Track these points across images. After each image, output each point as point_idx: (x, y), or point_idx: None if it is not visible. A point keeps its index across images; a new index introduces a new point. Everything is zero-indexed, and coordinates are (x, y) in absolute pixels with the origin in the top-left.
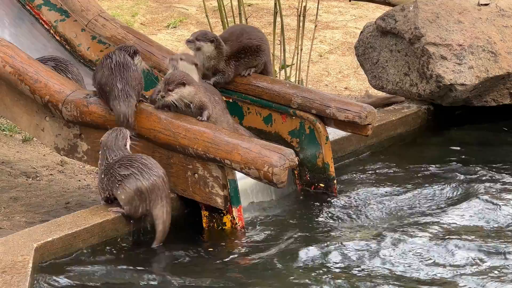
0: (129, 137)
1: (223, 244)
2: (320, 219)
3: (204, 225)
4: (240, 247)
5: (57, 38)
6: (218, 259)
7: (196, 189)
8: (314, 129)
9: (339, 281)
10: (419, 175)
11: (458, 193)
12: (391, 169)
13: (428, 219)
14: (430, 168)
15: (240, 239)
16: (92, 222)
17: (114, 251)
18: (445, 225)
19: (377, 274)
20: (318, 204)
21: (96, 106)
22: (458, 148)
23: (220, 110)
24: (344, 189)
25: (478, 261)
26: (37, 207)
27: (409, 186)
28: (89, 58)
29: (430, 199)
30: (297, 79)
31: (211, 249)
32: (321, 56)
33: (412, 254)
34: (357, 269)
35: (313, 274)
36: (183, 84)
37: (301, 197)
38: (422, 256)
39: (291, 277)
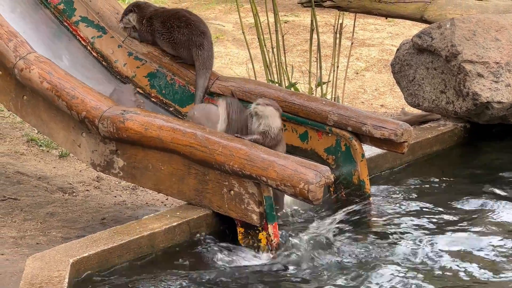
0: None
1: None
2: (355, 236)
3: (239, 241)
4: (275, 264)
5: (94, 54)
6: (253, 275)
7: (231, 206)
8: (350, 146)
9: None
10: (455, 192)
11: (497, 211)
12: (426, 187)
13: (464, 237)
14: (467, 186)
15: (275, 256)
16: (128, 238)
17: (150, 268)
18: (483, 243)
19: None
20: (353, 221)
21: (132, 123)
22: (495, 165)
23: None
24: (380, 207)
25: None
26: (73, 222)
27: (445, 204)
28: (126, 75)
29: (467, 217)
30: (333, 96)
31: (247, 265)
32: (357, 73)
33: (448, 271)
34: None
35: None
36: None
37: (336, 214)
38: (458, 269)
39: None
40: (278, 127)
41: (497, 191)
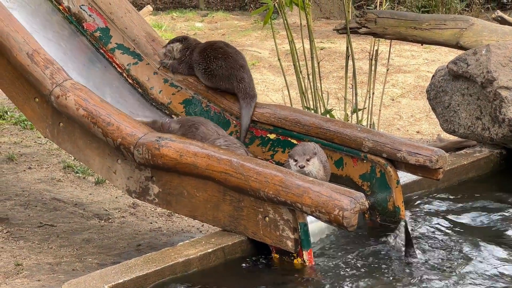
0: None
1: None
2: (389, 262)
3: (274, 268)
4: None
5: (130, 81)
6: None
7: (266, 232)
8: (385, 172)
9: None
10: (491, 220)
11: None
12: (462, 214)
13: (501, 264)
14: (503, 213)
15: (310, 282)
16: (163, 264)
17: None
18: None
19: None
20: (389, 247)
21: (168, 149)
22: None
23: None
24: (415, 233)
25: None
26: (109, 249)
27: (481, 231)
28: (161, 101)
29: (503, 245)
30: (369, 122)
31: None
32: (393, 99)
33: None
34: None
35: None
36: (315, 154)
37: (371, 240)
38: None
39: None
40: (322, 167)
41: None
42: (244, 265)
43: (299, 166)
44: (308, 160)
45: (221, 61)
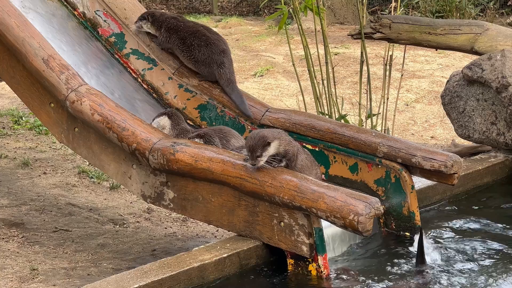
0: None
1: None
2: (405, 267)
3: (289, 273)
4: None
5: (145, 86)
6: None
7: (281, 237)
8: (400, 178)
9: None
10: (506, 225)
11: None
12: (477, 219)
13: None
14: None
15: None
16: (178, 269)
17: None
18: None
19: None
20: (404, 253)
21: (183, 154)
22: None
23: (308, 160)
24: (430, 238)
25: None
26: (124, 254)
27: (496, 236)
28: (176, 107)
29: None
30: (383, 128)
31: None
32: (407, 105)
33: None
34: None
35: None
36: (268, 144)
37: (386, 246)
38: None
39: None
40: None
41: None
42: (258, 270)
43: (250, 164)
44: (258, 157)
45: (204, 48)
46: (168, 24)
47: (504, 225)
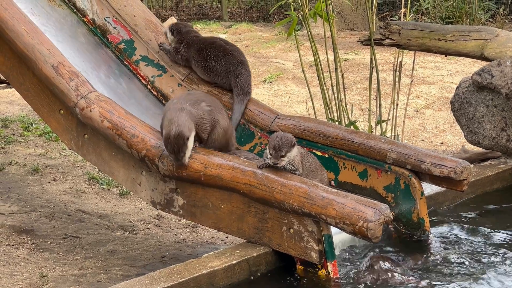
0: None
1: None
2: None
3: (299, 279)
4: None
5: (154, 93)
6: None
7: (291, 244)
8: (409, 184)
9: None
10: None
11: None
12: (487, 225)
13: None
14: None
15: None
16: (187, 276)
17: None
18: None
19: None
20: (412, 259)
21: (192, 161)
22: None
23: (313, 164)
24: (440, 245)
25: None
26: (133, 260)
27: (506, 243)
28: None
29: None
30: (393, 134)
31: None
32: (417, 111)
33: None
34: None
35: None
36: (293, 146)
37: (394, 251)
38: None
39: None
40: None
41: None
42: (268, 276)
43: (272, 162)
44: (282, 157)
45: (221, 59)
46: (188, 40)
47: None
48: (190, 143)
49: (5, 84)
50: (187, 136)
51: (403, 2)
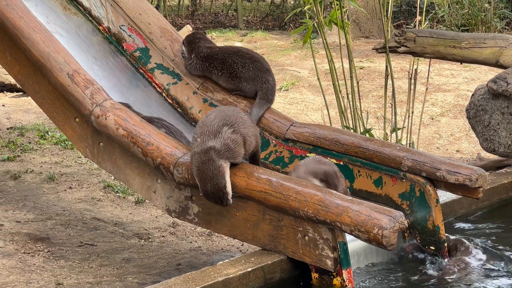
0: None
1: None
2: (430, 283)
3: (314, 287)
4: None
5: (169, 101)
6: None
7: (306, 251)
8: (424, 191)
9: None
10: None
11: None
12: (503, 233)
13: None
14: None
15: None
16: (203, 283)
17: None
18: None
19: None
20: (429, 267)
21: None
22: None
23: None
24: (455, 253)
25: None
26: (149, 268)
27: None
28: None
29: None
30: (408, 142)
31: None
32: (432, 118)
33: None
34: None
35: None
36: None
37: (411, 260)
38: None
39: None
40: None
41: None
42: (283, 284)
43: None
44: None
45: (249, 65)
46: (203, 53)
47: None
48: (228, 180)
49: (21, 93)
50: (223, 185)
51: (418, 10)
